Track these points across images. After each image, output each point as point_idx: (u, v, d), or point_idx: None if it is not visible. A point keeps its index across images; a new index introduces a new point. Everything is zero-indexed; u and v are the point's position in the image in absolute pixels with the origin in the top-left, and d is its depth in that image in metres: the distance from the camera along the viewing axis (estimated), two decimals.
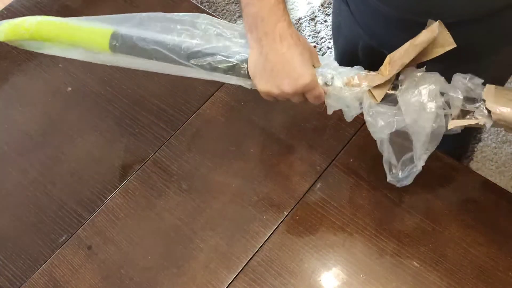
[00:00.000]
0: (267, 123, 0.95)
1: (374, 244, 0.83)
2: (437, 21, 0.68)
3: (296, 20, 1.94)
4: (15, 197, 0.94)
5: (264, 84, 0.75)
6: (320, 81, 0.74)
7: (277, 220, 0.86)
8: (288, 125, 0.95)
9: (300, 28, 1.92)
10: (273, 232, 0.85)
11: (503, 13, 0.79)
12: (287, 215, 0.86)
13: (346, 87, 0.74)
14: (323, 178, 0.89)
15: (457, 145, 1.24)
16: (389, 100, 0.73)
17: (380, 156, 0.90)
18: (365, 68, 0.77)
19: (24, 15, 1.15)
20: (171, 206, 0.89)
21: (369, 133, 0.92)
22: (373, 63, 1.04)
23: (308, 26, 1.92)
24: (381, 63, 0.75)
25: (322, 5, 1.96)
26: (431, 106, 0.69)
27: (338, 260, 0.82)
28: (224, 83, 1.00)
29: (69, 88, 1.04)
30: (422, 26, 0.83)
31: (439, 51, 0.70)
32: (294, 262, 0.82)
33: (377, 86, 0.72)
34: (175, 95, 1.01)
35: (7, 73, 1.09)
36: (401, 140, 0.76)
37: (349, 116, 0.78)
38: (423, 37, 0.69)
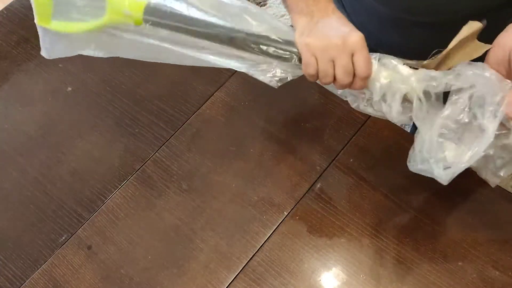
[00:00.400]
0: (267, 123, 0.95)
1: (374, 244, 0.82)
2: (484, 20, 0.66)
3: None
4: (15, 197, 0.94)
5: (308, 37, 0.70)
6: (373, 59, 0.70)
7: (277, 220, 0.86)
8: (288, 125, 0.95)
9: None
10: (273, 232, 0.85)
11: (498, 13, 0.79)
12: (287, 215, 0.86)
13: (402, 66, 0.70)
14: (323, 178, 0.89)
15: None
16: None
17: (380, 156, 0.90)
18: None
19: (24, 15, 1.15)
20: (171, 206, 0.89)
21: (369, 133, 0.92)
22: None
23: None
24: None
25: None
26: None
27: (338, 260, 0.82)
28: (224, 83, 1.00)
29: (69, 88, 1.04)
30: (416, 25, 0.83)
31: (475, 54, 0.68)
32: (294, 262, 0.82)
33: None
34: (175, 95, 1.01)
35: (7, 73, 1.09)
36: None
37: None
38: (464, 29, 0.67)
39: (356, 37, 0.68)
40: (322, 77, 0.71)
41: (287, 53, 0.72)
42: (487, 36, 0.83)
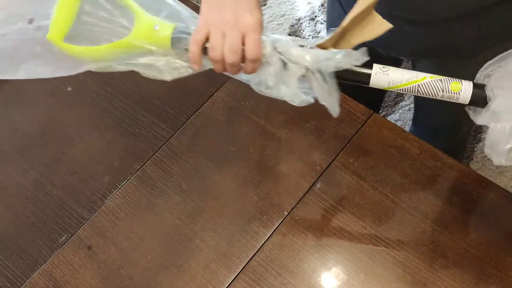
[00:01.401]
0: (267, 123, 0.95)
1: (374, 244, 0.83)
2: None
3: (296, 20, 1.94)
4: (15, 197, 0.94)
5: (207, 8, 0.69)
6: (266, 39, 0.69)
7: (277, 220, 0.86)
8: (288, 125, 0.95)
9: (300, 28, 1.92)
10: (273, 232, 0.85)
11: (490, 11, 0.79)
12: (287, 215, 0.86)
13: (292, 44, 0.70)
14: (323, 178, 0.89)
15: (452, 143, 1.24)
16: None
17: (380, 156, 0.90)
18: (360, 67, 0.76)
19: None
20: (171, 206, 0.89)
21: (369, 133, 0.92)
22: (367, 61, 1.03)
23: (308, 26, 1.92)
24: (373, 60, 0.74)
25: (322, 5, 1.95)
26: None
27: (338, 260, 0.82)
28: (224, 83, 1.00)
29: (69, 88, 1.04)
30: (411, 23, 0.83)
31: (376, 31, 0.68)
32: (294, 262, 0.82)
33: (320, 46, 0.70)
34: (175, 95, 1.01)
35: None
36: None
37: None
38: (359, 2, 0.67)
39: (250, 19, 0.68)
40: (210, 49, 0.69)
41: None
42: (484, 32, 0.83)
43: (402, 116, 1.69)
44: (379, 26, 0.68)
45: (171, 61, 0.73)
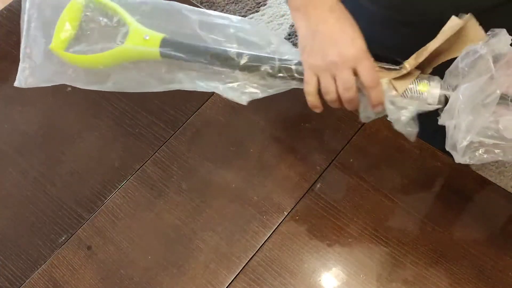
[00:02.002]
0: (267, 123, 0.95)
1: (374, 244, 0.82)
2: (468, 14, 0.65)
3: None
4: (15, 197, 0.94)
5: (309, 57, 0.69)
6: None
7: (277, 220, 0.86)
8: (288, 125, 0.95)
9: None
10: (273, 232, 0.85)
11: (490, 14, 0.79)
12: (287, 215, 0.86)
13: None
14: (323, 178, 0.89)
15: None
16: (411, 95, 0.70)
17: (380, 156, 0.90)
18: None
19: None
20: (171, 206, 0.89)
21: (369, 133, 0.92)
22: None
23: None
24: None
25: None
26: None
27: (338, 260, 0.82)
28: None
29: (69, 88, 1.04)
30: (406, 25, 0.82)
31: (469, 44, 0.67)
32: (294, 262, 0.82)
33: (399, 78, 0.69)
34: (175, 95, 1.00)
35: (7, 73, 1.08)
36: None
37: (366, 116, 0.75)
38: (447, 25, 0.66)
39: (354, 51, 0.67)
40: (325, 94, 0.70)
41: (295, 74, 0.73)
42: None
43: None
44: (472, 40, 0.67)
45: (248, 84, 0.77)
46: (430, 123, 1.20)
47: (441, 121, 0.68)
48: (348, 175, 0.89)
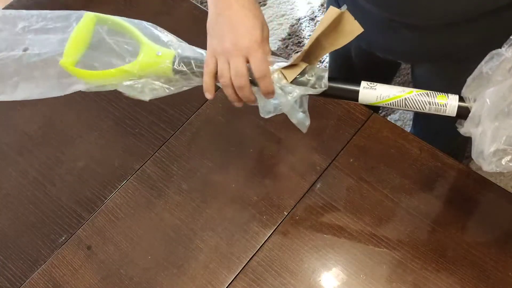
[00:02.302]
0: (267, 123, 0.95)
1: (374, 244, 0.82)
2: (343, 6, 0.68)
3: (296, 20, 1.94)
4: (15, 197, 0.94)
5: (210, 39, 0.72)
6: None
7: (277, 220, 0.86)
8: (288, 125, 0.95)
9: (300, 28, 1.92)
10: (273, 232, 0.85)
11: (491, 17, 0.78)
12: (287, 215, 0.86)
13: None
14: (323, 178, 0.89)
15: (452, 146, 1.24)
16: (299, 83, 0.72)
17: (380, 156, 0.90)
18: (358, 70, 0.77)
19: None
20: (171, 206, 0.89)
21: (369, 133, 0.92)
22: (365, 64, 1.03)
23: (308, 26, 1.92)
24: (372, 64, 0.74)
25: (322, 5, 1.95)
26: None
27: (338, 260, 0.82)
28: None
29: None
30: (407, 27, 0.82)
31: (348, 38, 0.69)
32: (294, 262, 0.82)
33: (288, 68, 0.72)
34: (175, 95, 1.00)
35: None
36: None
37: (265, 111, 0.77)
38: (325, 15, 0.68)
39: (248, 41, 0.69)
40: (219, 76, 0.72)
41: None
42: (484, 37, 0.83)
43: (402, 116, 1.69)
44: (350, 33, 0.69)
45: (149, 82, 0.79)
46: (431, 125, 1.20)
47: (464, 129, 0.68)
48: (348, 175, 0.89)
